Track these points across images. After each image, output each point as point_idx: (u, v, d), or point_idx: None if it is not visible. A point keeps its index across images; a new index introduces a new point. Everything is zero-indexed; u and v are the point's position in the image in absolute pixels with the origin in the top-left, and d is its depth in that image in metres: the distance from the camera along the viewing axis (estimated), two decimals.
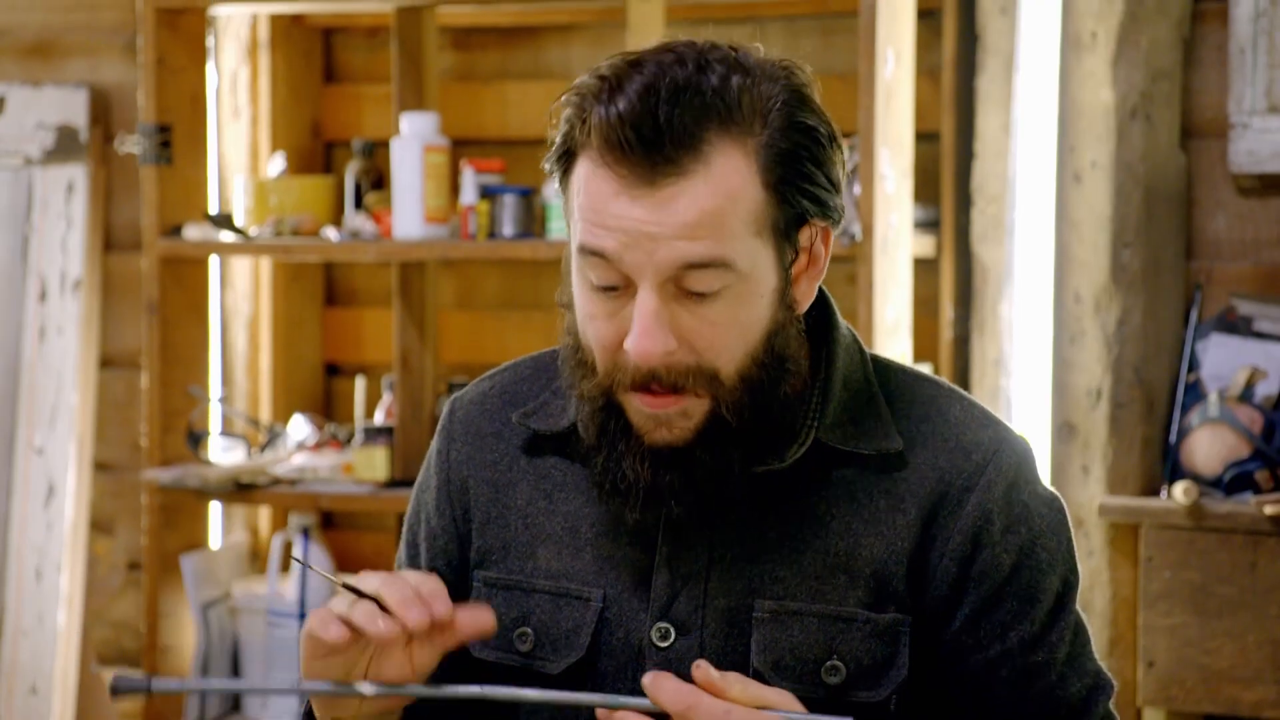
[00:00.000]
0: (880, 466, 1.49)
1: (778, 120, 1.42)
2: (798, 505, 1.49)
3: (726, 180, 1.40)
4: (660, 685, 1.36)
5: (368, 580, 1.42)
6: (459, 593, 1.58)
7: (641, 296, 1.40)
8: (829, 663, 1.46)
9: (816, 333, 1.52)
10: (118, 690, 1.42)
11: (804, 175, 1.43)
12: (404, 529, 1.66)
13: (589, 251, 1.42)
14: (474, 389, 1.63)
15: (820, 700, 1.47)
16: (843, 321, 1.54)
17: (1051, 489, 1.54)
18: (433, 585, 1.41)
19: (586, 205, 1.42)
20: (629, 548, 1.50)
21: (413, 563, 1.63)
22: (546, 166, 1.49)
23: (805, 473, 1.49)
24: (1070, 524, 1.54)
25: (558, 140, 1.46)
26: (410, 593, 1.39)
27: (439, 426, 1.62)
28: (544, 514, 1.54)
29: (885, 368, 1.56)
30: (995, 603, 1.48)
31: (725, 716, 1.34)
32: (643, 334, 1.40)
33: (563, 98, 1.45)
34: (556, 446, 1.55)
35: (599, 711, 1.38)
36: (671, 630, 1.48)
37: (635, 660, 1.49)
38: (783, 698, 1.38)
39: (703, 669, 1.37)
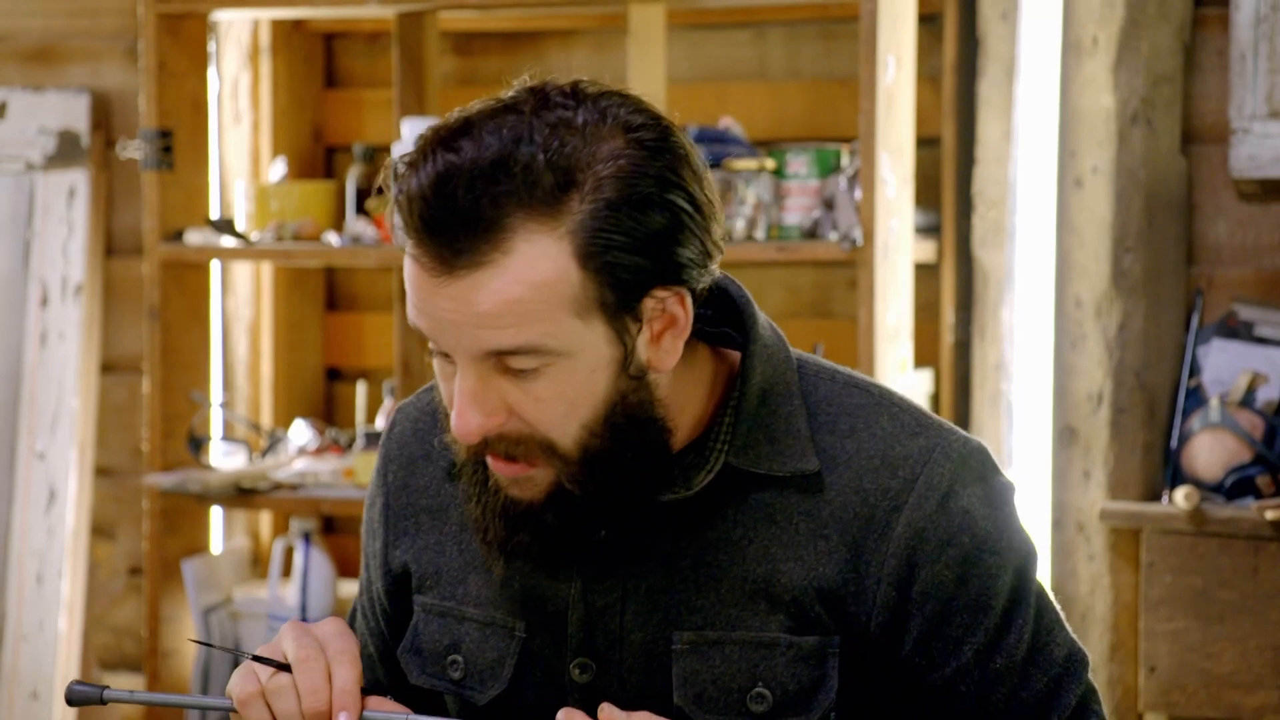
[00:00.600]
0: (800, 487, 1.42)
1: (609, 191, 1.32)
2: (712, 531, 1.43)
3: (531, 269, 1.31)
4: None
5: (287, 646, 1.44)
6: (391, 618, 1.58)
7: (458, 377, 1.36)
8: (754, 690, 1.42)
9: (733, 344, 1.47)
10: (72, 699, 1.45)
11: (637, 249, 1.33)
12: (362, 533, 1.64)
13: (414, 327, 1.38)
14: (414, 401, 1.60)
15: None
16: (765, 328, 1.46)
17: (1000, 478, 1.46)
18: (343, 678, 1.41)
19: (407, 282, 1.37)
20: (549, 580, 1.46)
21: (368, 570, 1.62)
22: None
23: (719, 497, 1.42)
24: (1016, 509, 1.47)
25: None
26: (322, 685, 1.41)
27: (382, 439, 1.60)
28: (475, 541, 1.49)
29: (814, 375, 1.47)
30: (944, 620, 1.42)
31: None
32: (458, 414, 1.36)
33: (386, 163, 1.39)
34: None
35: None
36: (592, 665, 1.45)
37: (558, 695, 1.46)
38: None
39: (606, 711, 1.35)
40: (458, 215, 1.30)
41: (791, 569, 1.42)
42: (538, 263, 1.32)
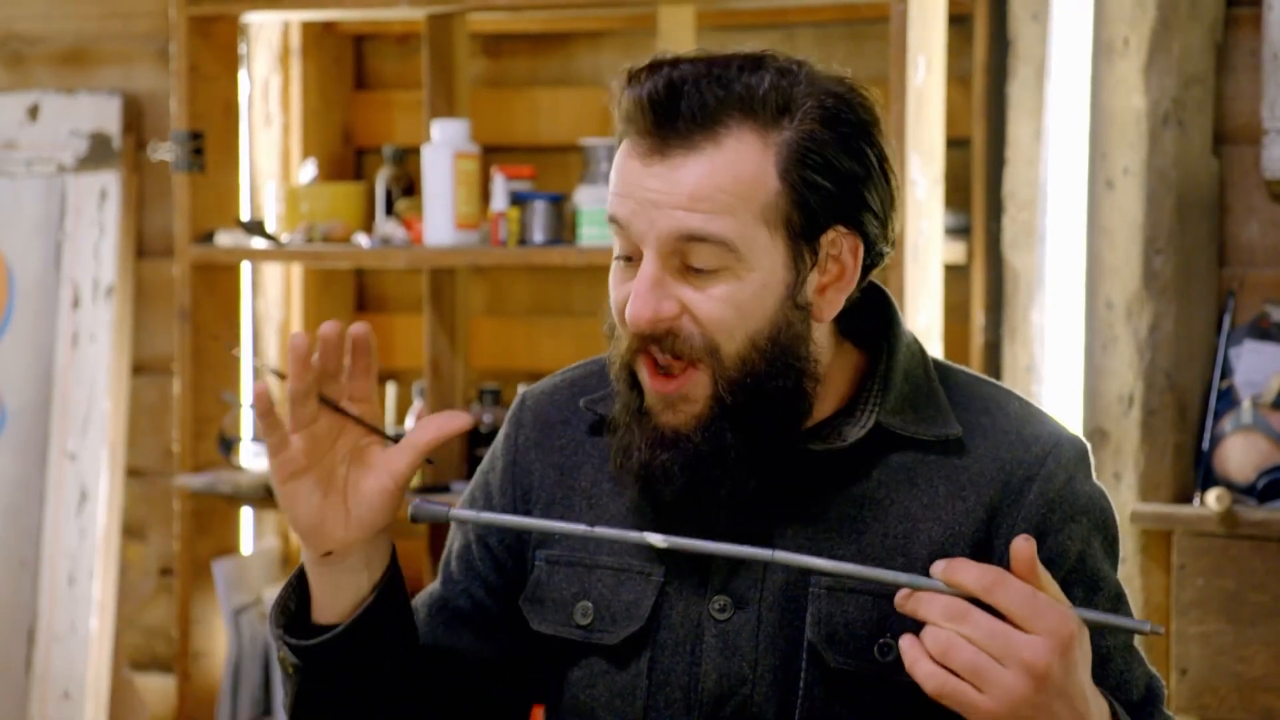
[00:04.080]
0: (941, 453, 1.52)
1: (808, 122, 1.46)
2: (858, 487, 1.52)
3: (737, 162, 1.44)
4: (958, 568, 1.33)
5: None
6: (510, 571, 1.63)
7: (643, 264, 1.46)
8: (881, 640, 1.49)
9: (877, 330, 1.58)
10: (417, 518, 1.45)
11: (830, 179, 1.46)
12: (465, 498, 1.68)
13: (611, 218, 1.49)
14: (546, 383, 1.68)
15: (872, 677, 1.49)
16: (906, 327, 1.59)
17: (1101, 484, 1.58)
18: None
19: (614, 177, 1.49)
20: (691, 526, 1.52)
21: (463, 536, 1.66)
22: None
23: (865, 456, 1.52)
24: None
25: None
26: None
27: (508, 415, 1.67)
28: (608, 495, 1.58)
29: (945, 368, 1.60)
30: (1064, 589, 1.48)
31: (1032, 598, 1.33)
32: (634, 297, 1.46)
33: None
34: None
35: (898, 598, 1.36)
36: (730, 603, 1.51)
37: (694, 632, 1.52)
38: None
39: (1031, 544, 1.34)
40: (681, 107, 1.44)
41: (929, 528, 1.50)
42: (743, 160, 1.45)
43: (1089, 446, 1.57)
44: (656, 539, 1.41)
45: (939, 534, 1.50)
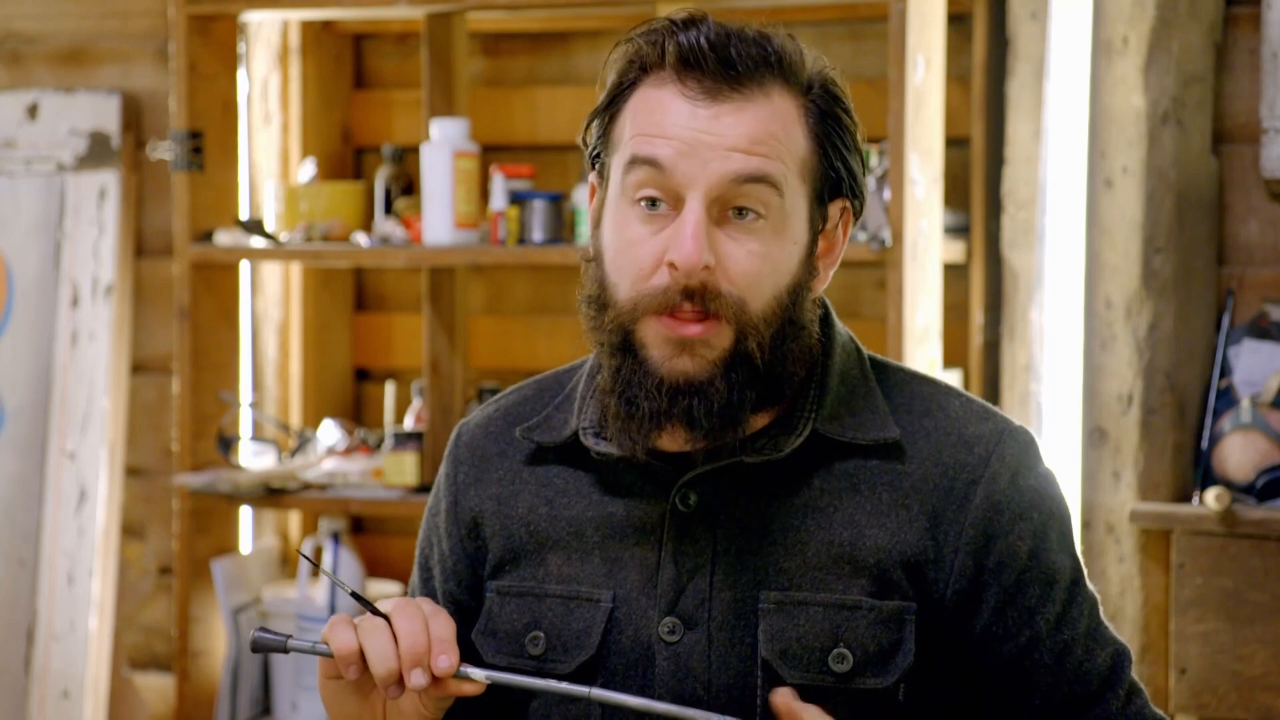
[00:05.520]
0: (882, 457, 1.52)
1: (822, 91, 1.51)
2: (800, 497, 1.52)
3: (784, 114, 1.48)
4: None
5: (383, 602, 1.46)
6: (471, 612, 1.61)
7: (689, 208, 1.46)
8: (836, 650, 1.49)
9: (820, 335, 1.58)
10: (256, 648, 1.47)
11: (843, 144, 1.51)
12: (416, 553, 1.68)
13: (641, 161, 1.47)
14: (479, 414, 1.66)
15: (829, 689, 1.49)
16: (841, 324, 1.59)
17: (1048, 466, 1.57)
18: (441, 628, 1.44)
19: (645, 121, 1.48)
20: (635, 547, 1.53)
21: (426, 585, 1.65)
22: (594, 120, 1.54)
23: (806, 464, 1.52)
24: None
25: (614, 77, 1.51)
26: (420, 630, 1.42)
27: (446, 452, 1.66)
28: (547, 521, 1.57)
29: (883, 366, 1.59)
30: (1017, 590, 1.51)
31: None
32: (691, 239, 1.44)
33: (631, 36, 1.51)
34: (559, 456, 1.58)
35: None
36: (679, 625, 1.51)
37: (645, 656, 1.51)
38: None
39: (784, 697, 1.40)
40: (734, 57, 1.48)
41: (875, 535, 1.50)
42: (788, 115, 1.49)
43: (1034, 437, 1.57)
44: (477, 673, 1.44)
45: (885, 541, 1.50)
